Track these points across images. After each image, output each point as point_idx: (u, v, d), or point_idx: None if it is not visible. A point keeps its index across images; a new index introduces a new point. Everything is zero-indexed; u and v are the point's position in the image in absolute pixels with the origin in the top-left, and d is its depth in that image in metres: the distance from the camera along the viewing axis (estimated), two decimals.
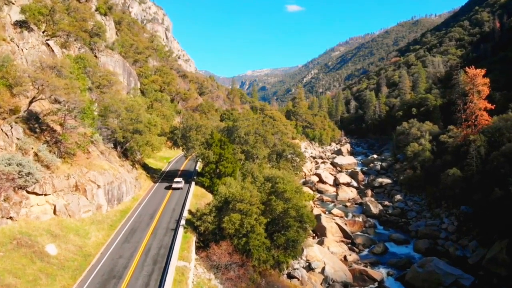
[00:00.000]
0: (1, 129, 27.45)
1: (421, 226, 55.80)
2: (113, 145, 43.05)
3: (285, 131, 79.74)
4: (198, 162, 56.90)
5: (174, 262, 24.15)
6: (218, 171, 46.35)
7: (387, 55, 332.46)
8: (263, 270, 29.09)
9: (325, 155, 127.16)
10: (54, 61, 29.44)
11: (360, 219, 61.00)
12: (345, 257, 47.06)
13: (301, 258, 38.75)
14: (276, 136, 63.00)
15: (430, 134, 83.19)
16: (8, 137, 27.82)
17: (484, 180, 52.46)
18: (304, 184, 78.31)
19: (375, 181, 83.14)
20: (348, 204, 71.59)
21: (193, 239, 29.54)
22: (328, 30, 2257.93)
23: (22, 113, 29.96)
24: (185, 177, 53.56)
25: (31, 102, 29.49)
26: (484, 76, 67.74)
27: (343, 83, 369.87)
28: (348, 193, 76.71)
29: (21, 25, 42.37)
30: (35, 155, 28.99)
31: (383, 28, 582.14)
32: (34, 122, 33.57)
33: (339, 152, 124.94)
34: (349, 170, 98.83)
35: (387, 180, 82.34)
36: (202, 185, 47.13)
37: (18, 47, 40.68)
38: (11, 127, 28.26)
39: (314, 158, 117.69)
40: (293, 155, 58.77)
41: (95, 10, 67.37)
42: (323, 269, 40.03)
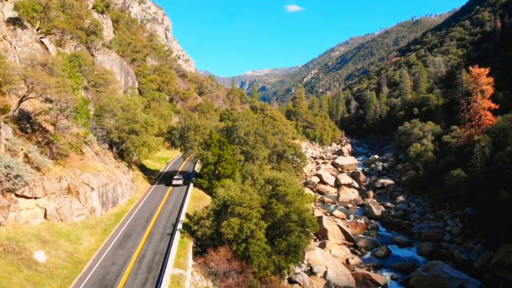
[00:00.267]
0: None
1: (425, 228, 54.72)
2: (109, 146, 41.69)
3: (286, 131, 78.50)
4: (197, 163, 55.71)
5: (170, 270, 22.84)
6: (217, 173, 45.11)
7: (388, 55, 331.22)
8: (263, 277, 27.83)
9: (326, 156, 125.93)
10: (45, 59, 28.15)
11: (362, 221, 59.88)
12: (347, 261, 46.02)
13: (303, 262, 37.60)
14: (277, 137, 61.71)
15: (433, 134, 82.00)
16: None
17: (489, 181, 51.42)
18: (305, 185, 77.20)
19: (377, 182, 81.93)
20: (350, 206, 70.42)
21: (190, 245, 28.17)
22: (328, 30, 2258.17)
23: (12, 113, 28.71)
24: (184, 179, 52.64)
25: (21, 101, 28.23)
26: (488, 76, 66.71)
27: (343, 83, 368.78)
28: (350, 194, 75.51)
29: (14, 22, 41.26)
30: (25, 157, 27.73)
31: (383, 28, 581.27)
32: (26, 122, 32.32)
33: (340, 153, 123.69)
34: (350, 171, 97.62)
35: (389, 181, 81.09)
36: (201, 187, 45.86)
37: (11, 45, 39.52)
38: (0, 127, 27.02)
39: (315, 159, 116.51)
40: (294, 156, 57.38)
41: (92, 8, 66.13)
42: (325, 274, 38.94)
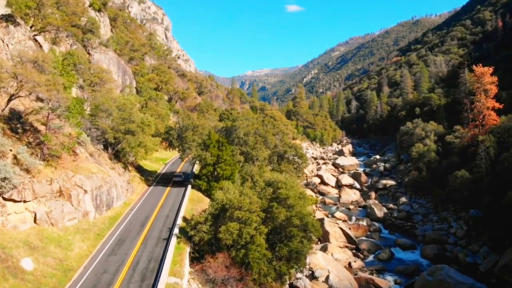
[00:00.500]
0: None
1: (428, 231, 53.60)
2: (104, 147, 40.41)
3: (286, 131, 77.24)
4: (196, 164, 54.50)
5: (165, 279, 21.55)
6: (216, 174, 43.84)
7: (388, 55, 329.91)
8: (264, 284, 26.59)
9: (327, 156, 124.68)
10: (36, 55, 26.92)
11: (364, 223, 58.66)
12: (350, 264, 44.87)
13: (305, 268, 36.43)
14: (277, 137, 60.37)
15: (435, 135, 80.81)
16: None
17: (495, 183, 50.40)
18: (306, 186, 76.03)
19: (379, 183, 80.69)
20: (351, 207, 69.21)
21: (187, 250, 26.88)
22: (328, 30, 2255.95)
23: (1, 112, 27.49)
24: (182, 180, 51.44)
25: (10, 100, 27.01)
26: (492, 75, 65.66)
27: (344, 83, 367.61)
28: (351, 195, 74.28)
29: (7, 19, 39.98)
30: (14, 158, 26.49)
31: (383, 28, 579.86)
32: (16, 122, 31.06)
33: (341, 153, 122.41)
34: (352, 171, 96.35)
35: (391, 182, 79.84)
36: (199, 189, 44.57)
37: (3, 42, 38.33)
38: None
39: (316, 159, 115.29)
40: (295, 157, 56.05)
41: (89, 6, 64.90)
42: (327, 278, 37.77)
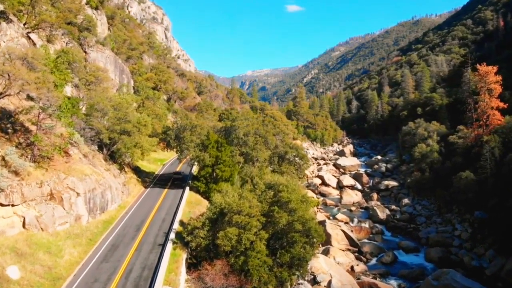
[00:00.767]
0: None
1: (432, 233, 52.36)
2: (98, 147, 39.09)
3: (287, 131, 75.91)
4: (194, 166, 53.23)
5: None
6: (215, 175, 42.54)
7: (388, 55, 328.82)
8: None
9: (327, 156, 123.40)
10: (25, 52, 25.66)
11: (367, 225, 57.41)
12: (352, 268, 43.67)
13: (307, 274, 35.12)
14: (278, 137, 59.01)
15: (438, 135, 79.60)
16: None
17: (500, 184, 49.20)
18: (306, 187, 74.83)
19: (381, 184, 79.43)
20: (353, 209, 68.01)
21: (183, 257, 25.52)
22: (328, 30, 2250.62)
23: None
24: (180, 181, 50.16)
25: None
26: (496, 74, 64.53)
27: (344, 83, 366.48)
28: (353, 197, 73.02)
29: None
30: (2, 160, 25.23)
31: (383, 28, 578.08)
32: (6, 122, 29.83)
33: (342, 153, 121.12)
34: (353, 172, 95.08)
35: (393, 183, 78.60)
36: (197, 191, 43.23)
37: None
38: None
39: (316, 160, 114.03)
40: (296, 158, 54.68)
41: (86, 4, 63.63)
42: (329, 283, 36.45)
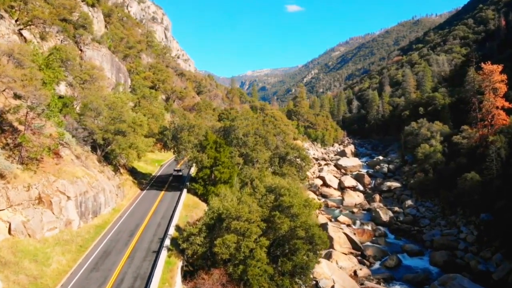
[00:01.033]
0: None
1: (437, 236, 51.05)
2: (92, 148, 37.59)
3: (287, 132, 74.44)
4: (192, 167, 51.74)
5: None
6: (213, 177, 41.05)
7: (389, 55, 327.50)
8: None
9: (328, 157, 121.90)
10: (11, 48, 24.25)
11: (369, 228, 56.02)
12: (355, 272, 42.36)
13: (310, 282, 33.72)
14: (279, 138, 57.47)
15: (441, 135, 78.24)
16: None
17: (507, 185, 47.91)
18: (307, 188, 73.36)
19: (383, 185, 77.99)
20: (355, 210, 66.57)
21: (179, 265, 24.01)
22: (328, 30, 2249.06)
23: None
24: (177, 183, 48.78)
25: None
26: (501, 73, 63.24)
27: (344, 83, 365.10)
28: (355, 198, 71.57)
29: None
30: None
31: (384, 28, 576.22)
32: None
33: (343, 154, 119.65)
34: (354, 173, 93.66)
35: (396, 184, 77.16)
36: (195, 193, 41.70)
37: None
38: None
39: (317, 160, 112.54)
40: (298, 159, 53.17)
41: (82, 1, 62.19)
42: None
